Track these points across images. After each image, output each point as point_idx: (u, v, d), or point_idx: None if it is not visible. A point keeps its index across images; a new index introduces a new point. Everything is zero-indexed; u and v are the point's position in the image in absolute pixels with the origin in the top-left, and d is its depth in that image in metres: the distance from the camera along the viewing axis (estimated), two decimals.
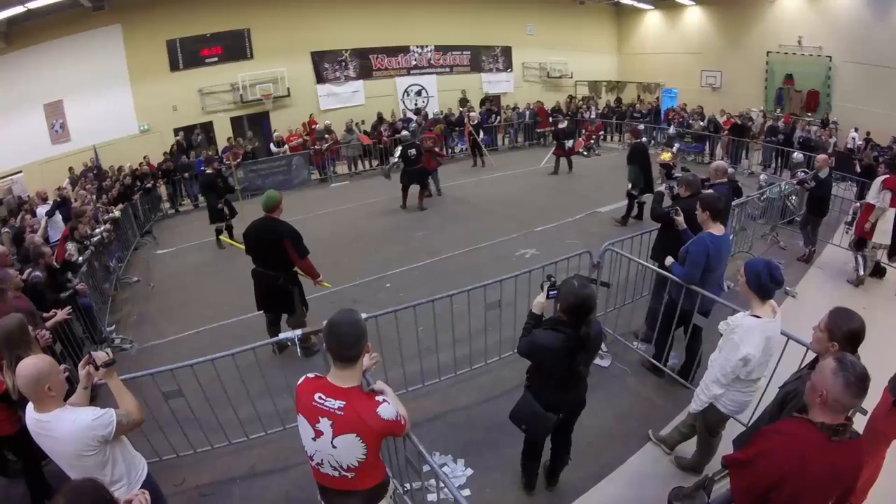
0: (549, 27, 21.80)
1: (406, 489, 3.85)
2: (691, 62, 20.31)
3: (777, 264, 3.55)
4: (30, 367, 2.60)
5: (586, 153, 16.88)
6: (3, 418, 3.95)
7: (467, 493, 4.10)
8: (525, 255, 8.93)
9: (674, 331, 5.18)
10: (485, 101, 20.15)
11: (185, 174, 14.54)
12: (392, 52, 19.24)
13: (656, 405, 5.09)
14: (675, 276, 4.89)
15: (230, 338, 6.48)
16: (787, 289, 7.18)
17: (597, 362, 5.67)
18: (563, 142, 14.73)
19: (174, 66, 15.95)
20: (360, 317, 2.44)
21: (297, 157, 15.80)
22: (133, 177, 13.21)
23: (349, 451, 2.36)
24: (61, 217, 9.94)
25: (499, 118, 19.37)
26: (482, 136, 17.00)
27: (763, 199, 9.12)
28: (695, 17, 20.11)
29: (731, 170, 8.82)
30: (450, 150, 18.09)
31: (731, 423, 3.98)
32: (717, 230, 4.68)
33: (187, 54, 16.01)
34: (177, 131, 16.16)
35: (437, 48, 19.98)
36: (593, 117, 19.50)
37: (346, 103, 18.63)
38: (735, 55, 18.83)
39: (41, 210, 10.41)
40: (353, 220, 11.62)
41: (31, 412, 2.68)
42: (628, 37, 23.16)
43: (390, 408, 2.40)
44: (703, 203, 4.70)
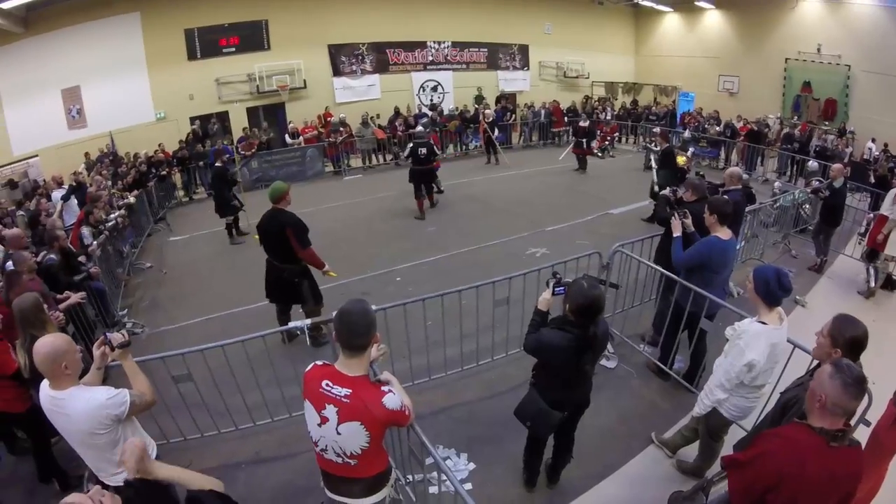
0: (567, 26, 21.69)
1: (408, 480, 3.89)
2: (709, 66, 20.15)
3: (786, 272, 3.54)
4: (47, 345, 2.63)
5: (601, 154, 16.85)
6: (15, 396, 4.03)
7: (469, 487, 4.14)
8: (535, 253, 8.94)
9: (680, 334, 5.18)
10: (500, 98, 20.09)
11: (200, 163, 14.66)
12: (409, 46, 19.21)
13: (660, 408, 5.10)
14: (674, 260, 4.94)
15: (240, 325, 6.56)
16: (797, 298, 7.15)
17: (603, 363, 5.69)
18: (582, 140, 14.78)
19: (192, 55, 16.01)
20: (370, 307, 2.48)
21: (312, 149, 15.90)
22: (148, 164, 13.32)
23: (353, 438, 2.40)
24: (76, 201, 10.07)
25: (514, 116, 19.36)
26: (497, 133, 16.97)
27: (776, 207, 9.08)
28: (714, 20, 19.94)
29: (745, 176, 8.79)
30: (464, 147, 18.14)
31: (734, 428, 3.98)
32: (724, 234, 4.69)
33: (205, 44, 16.07)
34: (193, 120, 16.24)
35: (454, 44, 19.92)
36: (609, 119, 19.43)
37: (362, 97, 18.62)
38: (753, 61, 18.67)
39: (56, 194, 10.54)
40: (365, 214, 11.66)
41: (46, 389, 2.71)
42: (646, 39, 23.01)
43: (395, 398, 2.43)
44: (710, 206, 4.71)
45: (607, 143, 17.70)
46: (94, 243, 7.74)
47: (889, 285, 7.69)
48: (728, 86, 19.82)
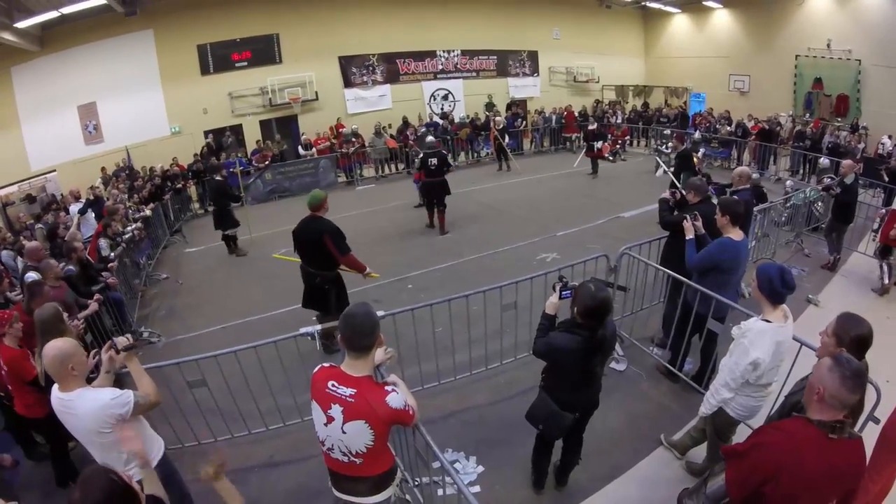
0: (576, 31, 21.69)
1: (416, 483, 3.94)
2: (719, 66, 20.02)
3: (789, 269, 3.54)
4: (55, 348, 2.80)
5: (612, 158, 16.83)
6: (35, 402, 4.14)
7: (477, 489, 4.17)
8: (546, 258, 8.96)
9: (689, 336, 5.17)
10: (511, 105, 20.13)
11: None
12: (419, 56, 19.33)
13: (670, 410, 5.10)
14: (687, 260, 4.90)
15: (254, 334, 6.58)
16: (810, 297, 7.11)
17: (612, 366, 5.71)
18: (592, 143, 14.81)
19: (205, 70, 16.28)
20: (373, 309, 2.55)
21: (324, 159, 16.07)
22: (164, 177, 13.54)
23: (358, 436, 2.47)
24: (94, 215, 10.27)
25: (525, 123, 19.40)
26: (507, 140, 17.05)
27: (788, 206, 9.03)
28: (722, 20, 19.82)
29: (756, 175, 8.75)
30: (475, 155, 18.21)
31: (742, 428, 3.96)
32: (736, 235, 4.66)
33: (217, 59, 16.33)
34: (207, 133, 16.48)
35: (464, 52, 20.01)
36: (619, 122, 19.40)
37: (374, 107, 18.76)
38: (763, 59, 18.53)
39: (73, 208, 10.76)
40: (378, 223, 11.75)
41: (56, 392, 2.87)
42: (655, 41, 22.93)
43: (399, 397, 2.50)
44: (723, 207, 4.67)
45: (618, 146, 17.68)
46: (113, 255, 7.90)
47: None
48: (739, 85, 19.68)
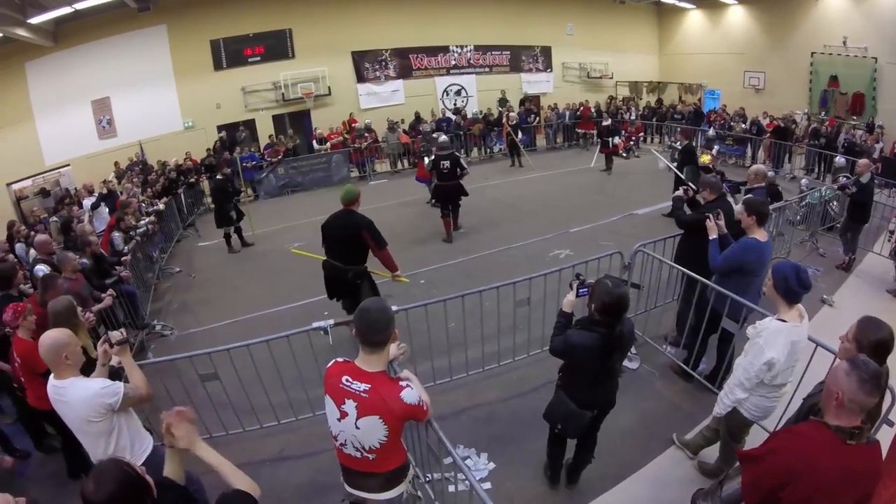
0: (590, 27, 21.57)
1: (428, 479, 3.94)
2: (734, 63, 19.82)
3: (805, 268, 3.48)
4: (50, 338, 2.91)
5: (625, 155, 16.74)
6: (47, 393, 4.18)
7: (488, 486, 4.16)
8: (559, 255, 8.93)
9: (702, 335, 5.11)
10: (524, 101, 20.02)
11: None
12: (432, 51, 19.31)
13: (682, 409, 5.06)
14: (711, 260, 4.80)
15: (267, 327, 6.67)
16: (825, 297, 7.03)
17: (626, 364, 5.64)
18: (607, 140, 14.77)
19: (218, 66, 16.35)
20: (388, 304, 2.56)
21: (337, 154, 16.07)
22: (177, 172, 13.62)
23: (372, 432, 2.47)
24: (107, 209, 10.35)
25: (538, 119, 19.35)
26: (520, 136, 16.99)
27: (803, 205, 8.94)
28: (737, 16, 19.62)
29: (770, 173, 8.67)
30: (488, 150, 18.17)
31: (756, 429, 3.95)
32: (762, 235, 4.56)
33: (231, 54, 16.39)
34: (220, 128, 16.53)
35: (477, 48, 19.95)
36: (633, 118, 19.28)
37: (386, 102, 18.78)
38: (778, 56, 18.34)
39: (87, 202, 10.84)
40: (390, 218, 11.66)
41: (51, 380, 2.98)
42: (669, 37, 22.72)
43: (413, 392, 2.49)
44: (749, 207, 4.57)
45: (632, 143, 17.57)
46: (126, 248, 7.96)
47: None
48: (754, 82, 19.48)
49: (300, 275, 8.06)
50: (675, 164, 10.47)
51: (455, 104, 19.85)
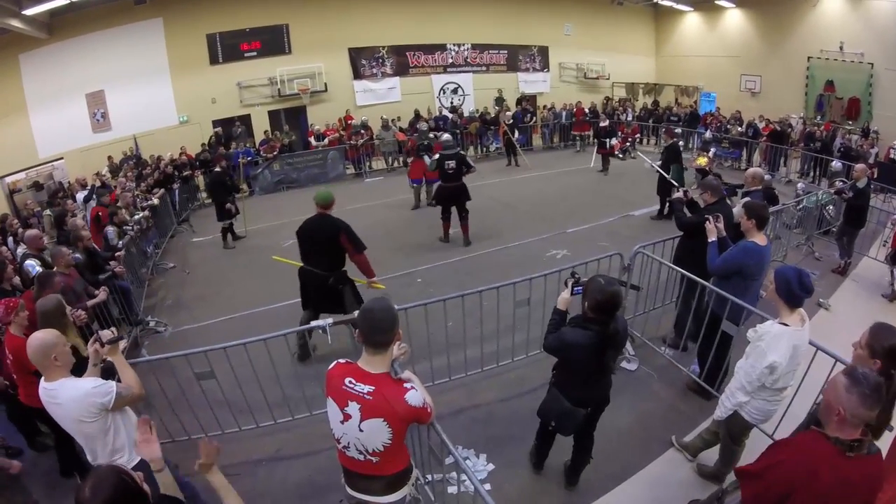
0: (587, 27, 21.58)
1: (427, 480, 3.91)
2: (730, 66, 19.87)
3: (807, 272, 3.49)
4: (38, 339, 2.85)
5: (622, 156, 16.76)
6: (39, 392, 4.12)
7: (487, 487, 4.12)
8: (556, 255, 8.92)
9: (706, 342, 5.05)
10: (521, 100, 20.04)
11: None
12: (429, 49, 19.26)
13: (681, 411, 5.05)
14: (709, 262, 4.75)
15: (262, 325, 6.59)
16: (821, 301, 7.04)
17: (623, 366, 5.67)
18: (604, 140, 14.79)
19: (214, 60, 16.25)
20: (392, 304, 2.51)
21: (333, 151, 16.04)
22: (172, 166, 13.51)
23: (375, 435, 2.42)
24: (95, 202, 10.26)
25: (534, 118, 19.33)
26: (517, 135, 17.00)
27: (799, 209, 8.95)
28: (735, 19, 19.66)
29: (767, 177, 8.67)
30: (484, 149, 18.15)
31: (755, 432, 3.94)
32: (761, 239, 4.54)
33: (227, 48, 16.29)
34: (215, 123, 16.45)
35: (474, 47, 19.92)
36: (630, 119, 19.29)
37: (383, 100, 18.72)
38: (775, 60, 18.39)
39: (80, 196, 10.75)
40: (386, 216, 11.70)
41: (42, 382, 2.91)
42: (666, 39, 22.77)
43: (417, 394, 2.46)
44: (749, 210, 4.54)
45: (628, 144, 17.59)
46: (121, 243, 7.88)
47: None
48: (750, 85, 19.53)
49: (296, 272, 7.99)
50: (660, 163, 10.59)
51: (451, 102, 19.83)
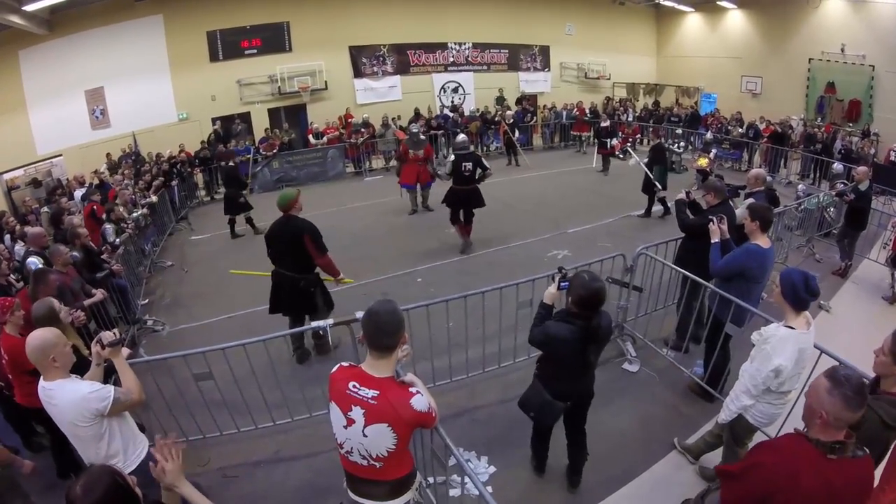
0: (588, 27, 21.55)
1: (429, 483, 3.87)
2: (731, 67, 19.85)
3: (813, 275, 3.46)
4: (38, 338, 2.79)
5: (622, 156, 16.72)
6: (35, 391, 4.07)
7: (489, 490, 4.08)
8: (557, 255, 8.89)
9: (711, 344, 5.04)
10: (521, 100, 20.00)
11: (222, 163, 14.72)
12: (430, 48, 19.20)
13: (683, 413, 5.02)
14: (712, 263, 4.74)
15: (260, 324, 6.53)
16: (822, 303, 7.01)
17: (625, 367, 5.66)
18: (605, 140, 14.80)
19: (214, 57, 16.18)
20: (398, 307, 2.46)
21: (333, 149, 15.99)
22: (171, 164, 13.47)
23: (380, 440, 2.38)
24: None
25: (535, 118, 19.30)
26: (517, 135, 16.97)
27: (801, 210, 8.94)
28: (736, 20, 19.64)
29: (768, 178, 8.65)
30: (485, 148, 18.12)
31: (758, 435, 3.89)
32: (764, 242, 4.50)
33: (227, 45, 16.23)
34: (215, 121, 16.41)
35: (475, 45, 19.86)
36: (630, 120, 19.25)
37: (383, 98, 18.66)
38: (776, 61, 18.37)
39: (78, 193, 10.70)
40: (386, 214, 11.66)
41: (41, 382, 2.86)
42: (668, 39, 22.74)
43: (423, 399, 2.41)
44: (753, 213, 4.50)
45: (629, 144, 17.54)
46: (118, 241, 7.84)
47: None
48: (751, 86, 19.52)
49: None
50: (646, 162, 10.72)
51: (452, 101, 19.79)
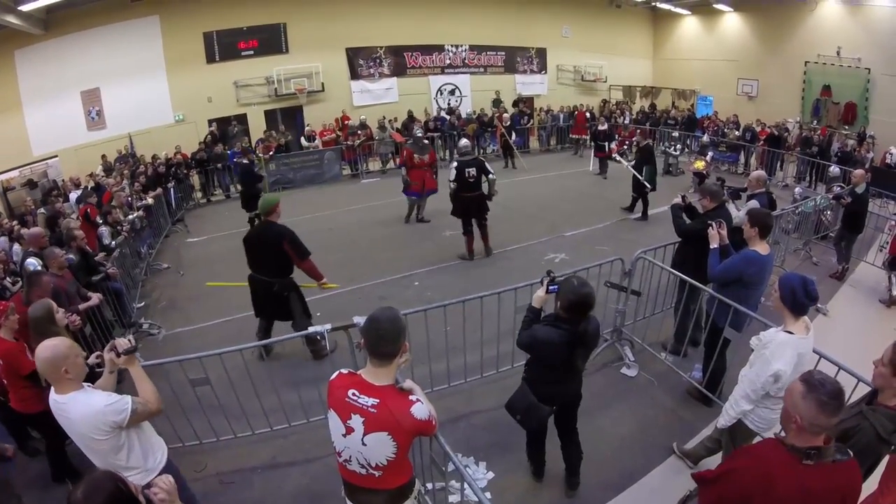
0: (585, 30, 21.57)
1: (427, 489, 3.85)
2: (727, 69, 19.90)
3: (812, 280, 3.45)
4: (48, 349, 2.66)
5: (619, 159, 16.71)
6: (31, 396, 4.04)
7: (488, 496, 4.04)
8: (555, 259, 8.87)
9: (710, 350, 5.03)
10: (518, 102, 19.99)
11: (219, 164, 14.76)
12: (427, 50, 19.21)
13: (681, 418, 5.01)
14: (709, 268, 4.70)
15: (256, 328, 6.53)
16: (819, 306, 7.00)
17: (623, 371, 5.64)
18: (602, 144, 14.77)
19: (210, 59, 16.15)
20: (400, 314, 2.43)
21: (329, 151, 15.95)
22: (167, 165, 13.42)
23: (379, 449, 2.35)
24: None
25: (531, 120, 19.30)
26: (514, 137, 16.97)
27: (798, 213, 8.95)
28: (732, 23, 19.68)
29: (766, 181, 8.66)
30: (481, 151, 18.07)
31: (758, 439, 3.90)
32: (763, 248, 4.48)
33: (224, 47, 16.20)
34: (211, 122, 16.36)
35: (472, 48, 19.89)
36: (627, 123, 19.25)
37: (380, 100, 18.66)
38: (772, 64, 18.42)
39: (73, 196, 10.65)
40: (383, 217, 11.62)
41: (52, 395, 2.74)
42: (664, 42, 22.79)
43: (423, 408, 2.39)
44: (752, 218, 4.47)
45: (626, 147, 17.56)
46: (114, 243, 7.79)
47: None
48: (747, 89, 19.56)
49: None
50: (633, 163, 10.75)
51: (449, 104, 19.80)
